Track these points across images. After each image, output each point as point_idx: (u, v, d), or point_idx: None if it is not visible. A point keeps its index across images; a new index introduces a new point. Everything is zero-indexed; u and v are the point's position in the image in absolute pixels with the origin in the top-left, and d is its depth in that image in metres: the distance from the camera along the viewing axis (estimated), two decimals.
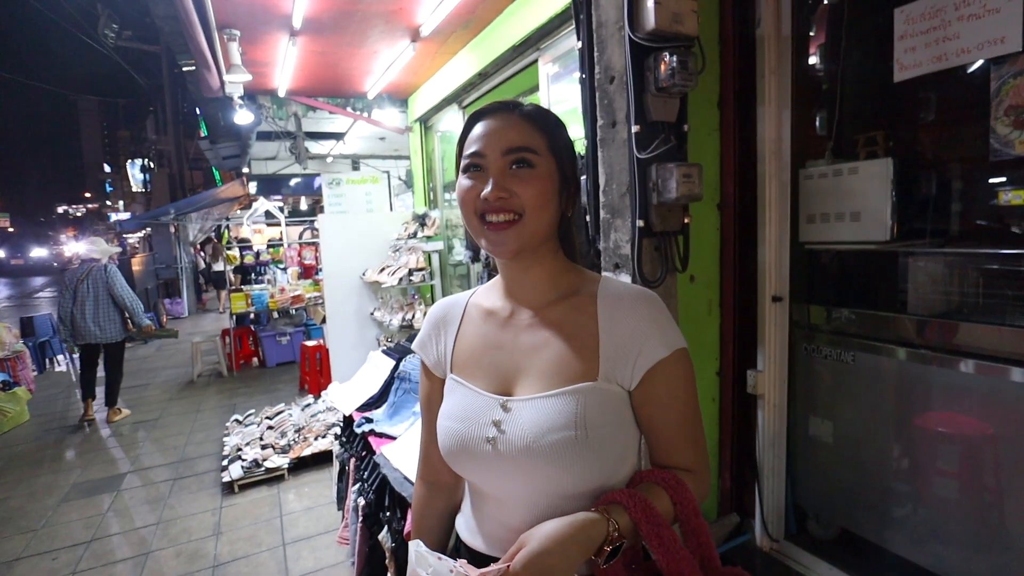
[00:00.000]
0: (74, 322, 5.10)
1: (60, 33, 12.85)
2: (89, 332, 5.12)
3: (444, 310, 1.03)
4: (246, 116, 4.91)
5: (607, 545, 0.72)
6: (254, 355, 7.62)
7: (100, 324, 5.14)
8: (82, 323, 5.09)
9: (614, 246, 1.89)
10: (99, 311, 5.13)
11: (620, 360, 0.83)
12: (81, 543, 3.23)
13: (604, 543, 0.72)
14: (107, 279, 5.18)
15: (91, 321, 5.10)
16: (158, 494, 3.81)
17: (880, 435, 1.97)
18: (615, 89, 1.85)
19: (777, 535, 2.19)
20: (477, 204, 0.85)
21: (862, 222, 1.92)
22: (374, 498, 2.04)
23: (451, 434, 0.90)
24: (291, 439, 4.22)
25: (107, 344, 5.26)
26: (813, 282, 2.17)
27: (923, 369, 1.82)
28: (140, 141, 31.81)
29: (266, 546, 3.07)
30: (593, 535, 0.72)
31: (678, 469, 0.86)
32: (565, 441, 0.79)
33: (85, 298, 5.09)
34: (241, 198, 8.99)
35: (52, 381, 7.36)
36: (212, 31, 3.39)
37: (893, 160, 1.83)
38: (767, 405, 2.15)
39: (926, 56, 1.67)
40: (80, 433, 5.18)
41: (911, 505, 1.89)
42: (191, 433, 4.99)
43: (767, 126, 2.08)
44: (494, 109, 0.88)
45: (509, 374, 0.89)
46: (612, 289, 0.89)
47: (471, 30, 3.58)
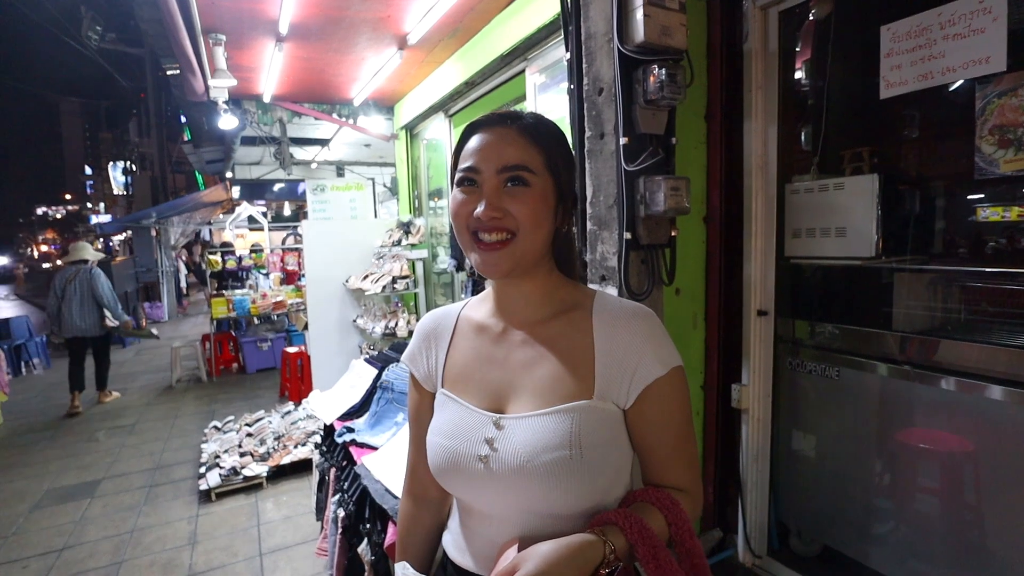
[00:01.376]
0: (61, 317, 5.60)
1: (42, 34, 12.70)
2: (75, 326, 5.62)
3: (435, 322, 1.01)
4: (231, 121, 4.86)
5: (603, 568, 0.70)
6: (234, 361, 7.50)
7: (84, 319, 5.65)
8: (68, 318, 5.59)
9: (601, 258, 1.89)
10: (84, 308, 5.64)
11: (615, 378, 0.82)
12: (53, 551, 3.13)
13: (600, 566, 0.70)
14: (91, 280, 5.66)
15: (76, 317, 5.61)
16: (133, 501, 3.71)
17: (863, 451, 1.98)
18: (603, 101, 1.85)
19: (760, 551, 2.18)
20: (470, 221, 0.83)
21: (847, 237, 1.93)
22: (354, 510, 2.00)
23: (442, 451, 0.87)
24: (270, 447, 4.15)
25: (92, 337, 5.77)
26: (798, 297, 2.18)
27: (906, 385, 1.83)
28: (122, 144, 31.39)
29: (243, 556, 3.00)
30: (590, 557, 0.70)
31: (672, 488, 0.84)
32: (559, 461, 0.77)
33: (72, 296, 5.59)
34: (224, 202, 8.89)
35: (27, 385, 7.17)
36: (197, 35, 3.35)
37: (879, 176, 1.85)
38: (751, 419, 2.15)
39: (912, 74, 1.69)
40: (56, 435, 5.05)
41: (893, 522, 1.90)
42: (168, 439, 4.89)
43: (753, 140, 2.09)
44: (492, 122, 0.86)
45: (502, 391, 0.87)
46: (608, 305, 0.87)
47: (458, 39, 3.58)
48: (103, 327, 5.80)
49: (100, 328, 5.78)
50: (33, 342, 8.11)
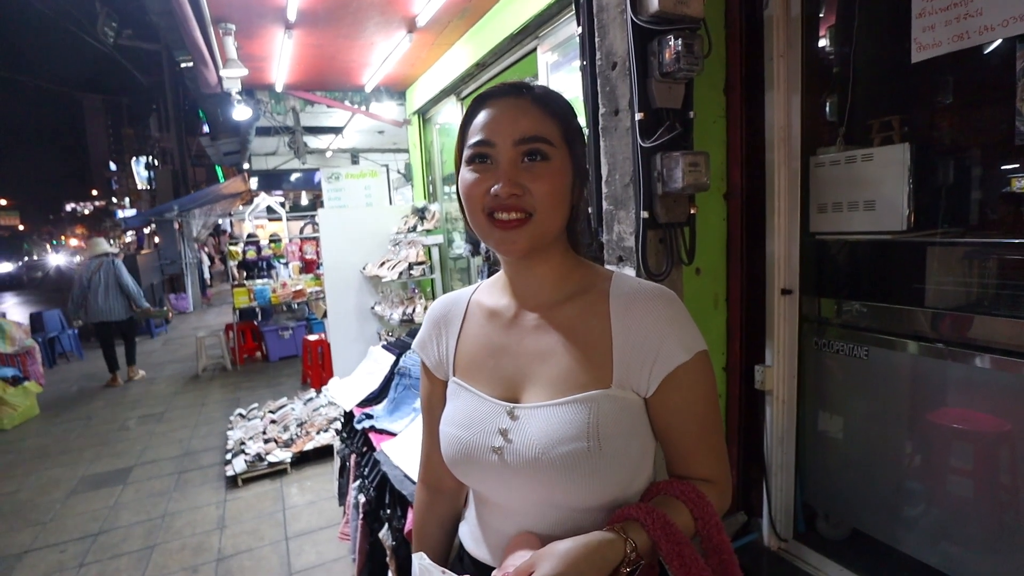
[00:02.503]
0: (87, 304, 6.26)
1: (63, 33, 12.89)
2: (101, 311, 6.27)
3: (445, 308, 0.97)
4: (244, 111, 4.87)
5: (624, 567, 0.67)
6: (257, 349, 7.62)
7: (109, 305, 6.29)
8: (95, 304, 6.24)
9: (617, 238, 1.84)
10: (108, 295, 6.28)
11: (635, 365, 0.77)
12: (89, 536, 3.23)
13: (621, 564, 0.67)
14: (115, 270, 6.33)
15: (102, 303, 6.25)
16: (164, 487, 3.81)
17: (893, 432, 1.91)
18: (617, 75, 1.79)
19: (785, 534, 2.14)
20: (486, 201, 0.77)
21: (876, 211, 1.85)
22: (375, 495, 2.00)
23: (455, 442, 0.84)
24: (293, 433, 4.21)
25: (117, 321, 6.41)
26: (824, 274, 2.10)
27: (940, 364, 1.75)
28: (144, 139, 31.86)
29: (269, 540, 3.05)
30: (610, 557, 0.66)
31: (697, 480, 0.80)
32: (576, 453, 0.73)
33: (98, 285, 6.24)
34: (243, 194, 8.97)
35: (61, 376, 7.38)
36: (207, 25, 3.34)
37: (910, 146, 1.76)
38: (775, 401, 2.09)
39: (946, 35, 1.59)
40: (90, 424, 5.20)
41: (924, 504, 1.83)
42: (196, 427, 4.99)
43: (776, 112, 2.01)
44: (503, 92, 0.79)
45: (515, 379, 0.83)
46: (625, 287, 0.82)
47: (468, 20, 3.51)
48: (128, 311, 6.44)
49: (125, 312, 6.42)
50: (66, 334, 8.35)
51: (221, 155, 8.88)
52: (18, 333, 6.79)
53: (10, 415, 5.36)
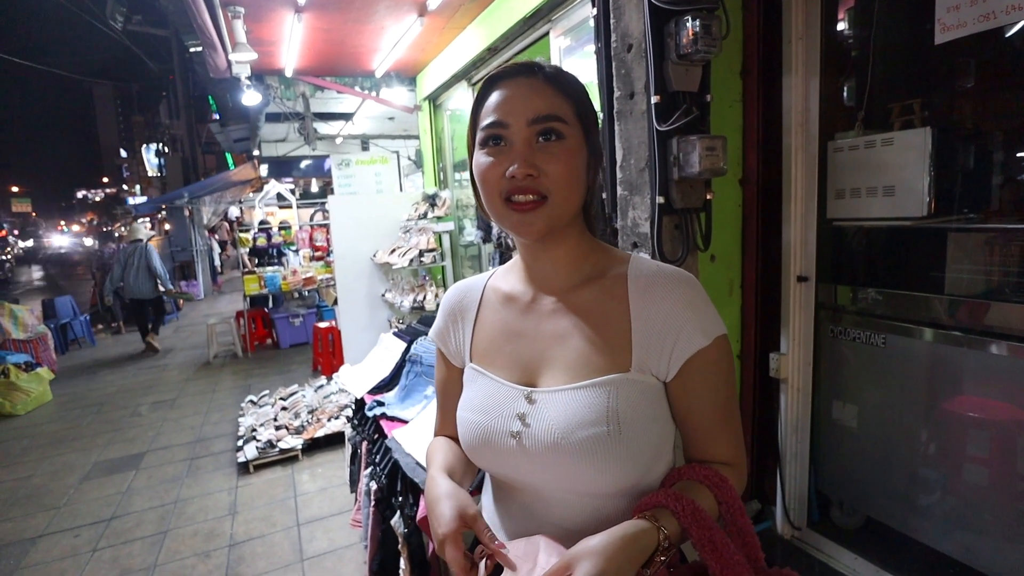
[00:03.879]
0: (126, 282, 7.29)
1: (73, 19, 12.82)
2: (133, 290, 7.31)
3: (460, 295, 0.96)
4: (254, 96, 4.85)
5: (659, 554, 0.66)
6: (268, 336, 7.66)
7: (140, 285, 7.28)
8: (130, 283, 7.27)
9: (632, 224, 1.81)
10: (139, 276, 7.25)
11: (655, 349, 0.76)
12: (102, 521, 3.27)
13: (656, 553, 0.66)
14: (147, 254, 7.27)
15: (133, 283, 7.26)
16: (176, 473, 3.84)
17: (909, 420, 1.89)
18: (633, 58, 1.76)
19: (799, 523, 2.13)
20: (502, 185, 0.75)
21: (896, 197, 1.81)
22: (386, 482, 2.01)
23: (472, 427, 0.83)
24: (304, 420, 4.23)
25: (148, 299, 7.48)
26: (841, 261, 2.07)
27: (958, 352, 1.72)
28: (154, 126, 31.94)
29: (281, 526, 3.08)
30: (645, 545, 0.65)
31: (716, 463, 0.79)
32: (596, 437, 0.72)
33: (132, 267, 7.22)
34: (253, 181, 8.97)
35: (73, 362, 7.47)
36: (216, 8, 3.31)
37: (932, 130, 1.72)
38: (790, 389, 2.07)
39: (971, 15, 1.54)
40: (103, 410, 5.26)
41: (940, 493, 1.82)
42: (207, 413, 5.04)
43: (794, 96, 1.97)
44: (514, 72, 0.78)
45: (533, 364, 0.82)
46: (644, 270, 0.80)
47: (479, 3, 3.46)
48: (156, 291, 7.43)
49: (153, 292, 7.42)
50: (78, 321, 8.43)
51: (231, 141, 8.89)
52: (31, 319, 6.87)
53: (23, 401, 5.43)
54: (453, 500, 0.76)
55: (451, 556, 0.73)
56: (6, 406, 5.30)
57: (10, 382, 5.40)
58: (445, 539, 0.73)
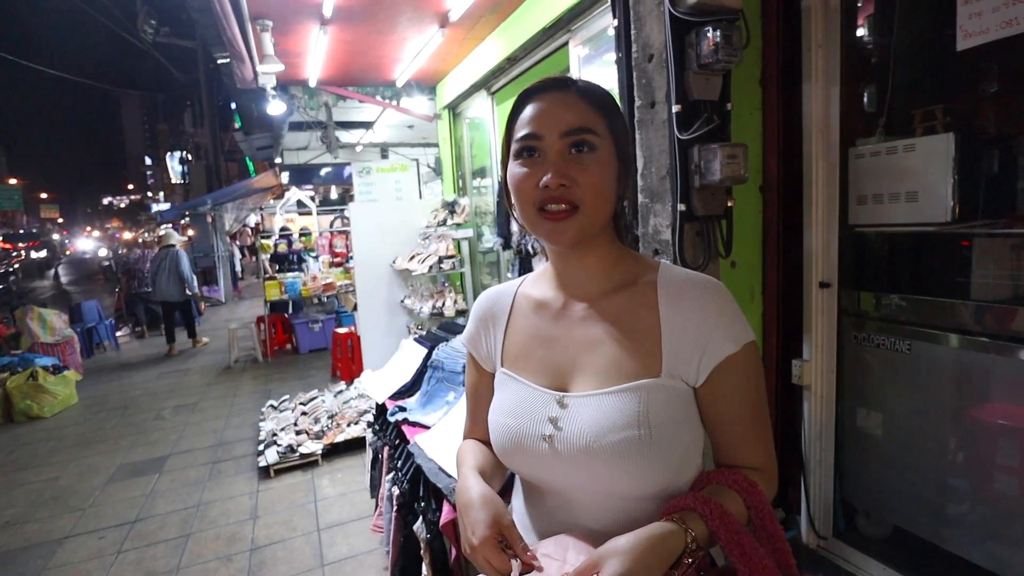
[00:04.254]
0: (156, 286, 7.66)
1: (102, 31, 13.19)
2: (164, 292, 7.65)
3: (491, 302, 0.99)
4: (279, 107, 4.95)
5: (686, 556, 0.67)
6: (287, 341, 7.76)
7: (169, 288, 7.62)
8: (161, 287, 7.62)
9: (653, 231, 1.82)
10: (170, 280, 7.59)
11: (684, 355, 0.77)
12: (126, 523, 3.33)
13: (683, 555, 0.67)
14: (176, 260, 7.62)
15: (164, 286, 7.60)
16: (198, 476, 3.90)
17: (937, 428, 1.87)
18: (654, 68, 1.78)
19: (824, 532, 2.11)
20: (536, 194, 0.78)
21: (919, 202, 1.80)
22: (408, 488, 2.03)
23: (505, 430, 0.85)
24: (324, 425, 4.27)
25: (177, 302, 7.82)
26: (864, 267, 2.06)
27: (986, 358, 1.70)
28: (178, 134, 32.56)
29: (301, 531, 3.11)
30: (672, 547, 0.67)
31: (746, 468, 0.80)
32: (628, 441, 0.74)
33: (163, 271, 7.58)
34: (274, 188, 9.12)
35: (99, 365, 7.63)
36: (246, 22, 3.40)
37: (955, 135, 1.71)
38: (813, 396, 2.06)
39: (994, 21, 1.54)
40: (127, 413, 5.37)
41: (970, 502, 1.79)
42: (228, 417, 5.11)
43: (814, 103, 1.97)
44: (548, 86, 0.81)
45: (564, 369, 0.84)
46: (674, 278, 0.82)
47: (499, 14, 3.51)
48: (183, 295, 7.77)
49: (180, 295, 7.73)
50: (103, 325, 8.59)
51: (254, 150, 9.06)
52: (59, 323, 7.03)
53: (50, 403, 5.55)
54: (489, 508, 0.78)
55: (484, 565, 0.74)
56: (34, 408, 5.44)
57: (38, 384, 5.53)
58: (479, 548, 0.74)
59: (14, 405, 5.41)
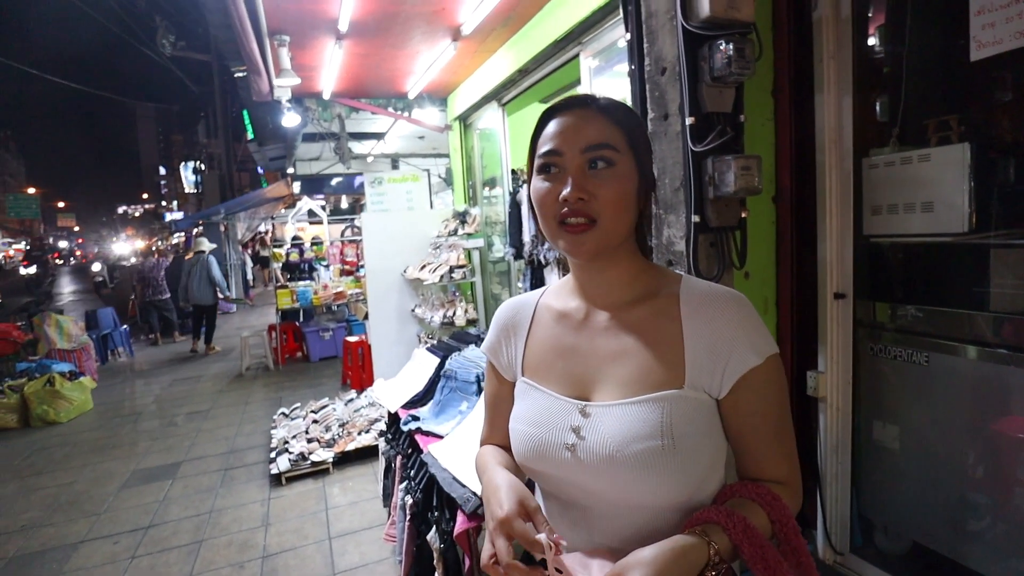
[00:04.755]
0: (189, 290, 8.10)
1: (120, 44, 13.47)
2: (197, 296, 8.12)
3: (512, 311, 1.00)
4: (293, 119, 5.01)
5: (709, 570, 0.67)
6: (298, 350, 7.81)
7: (201, 292, 8.08)
8: (193, 291, 8.06)
9: (667, 243, 1.83)
10: (201, 284, 8.05)
11: (707, 367, 0.78)
12: (140, 528, 3.36)
13: (706, 568, 0.67)
14: (208, 265, 8.09)
15: (196, 290, 8.06)
16: (210, 483, 3.93)
17: (956, 441, 1.84)
18: (667, 80, 1.79)
19: (841, 547, 2.08)
20: (556, 208, 0.80)
21: (935, 212, 1.79)
22: (422, 497, 2.03)
23: (527, 439, 0.86)
24: (335, 433, 4.29)
25: (206, 305, 8.31)
26: (879, 278, 2.05)
27: (1006, 370, 1.68)
28: (192, 145, 33.04)
29: (312, 539, 3.12)
30: (695, 560, 0.67)
31: (769, 482, 0.80)
32: (651, 451, 0.74)
33: (195, 276, 8.03)
34: (286, 198, 9.22)
35: (113, 372, 7.73)
36: (264, 37, 3.46)
37: (971, 145, 1.70)
38: (829, 408, 2.05)
39: (1007, 32, 1.54)
40: (141, 420, 5.42)
41: (990, 517, 1.76)
42: (240, 424, 5.14)
43: (826, 114, 1.97)
44: (570, 104, 0.84)
45: (586, 379, 0.85)
46: (696, 290, 0.83)
47: (511, 27, 3.54)
48: (215, 298, 8.32)
49: (212, 298, 8.25)
50: (118, 332, 8.70)
51: (267, 160, 9.17)
52: (75, 329, 7.13)
53: (67, 409, 5.63)
54: (515, 491, 0.79)
55: (501, 544, 0.74)
56: (50, 413, 5.51)
57: (55, 390, 5.61)
58: (503, 520, 0.75)
59: (31, 410, 5.48)
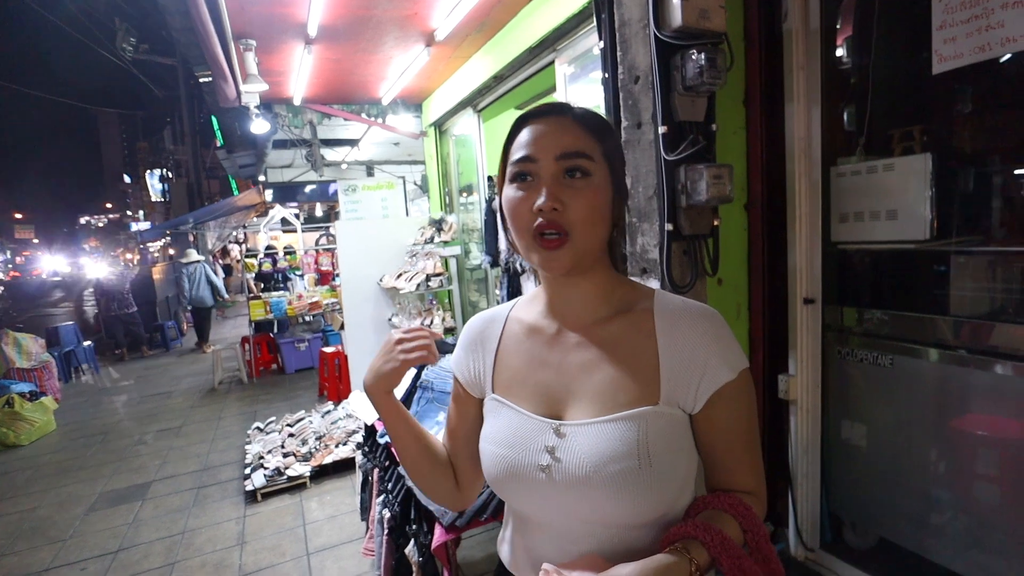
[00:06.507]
0: (192, 295, 8.84)
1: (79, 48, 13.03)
2: (196, 300, 8.91)
3: (482, 326, 0.97)
4: (262, 125, 4.93)
5: None
6: (273, 362, 7.66)
7: (201, 295, 8.86)
8: (196, 295, 8.82)
9: (641, 251, 1.85)
10: (200, 288, 8.80)
11: (682, 382, 0.78)
12: (109, 553, 3.24)
13: None
14: (205, 272, 8.84)
15: (196, 294, 8.81)
16: (183, 503, 3.81)
17: (919, 440, 1.90)
18: (640, 89, 1.81)
19: (812, 544, 2.13)
20: (531, 219, 0.78)
21: (899, 220, 1.85)
22: (399, 511, 2.01)
23: (499, 461, 0.83)
24: (312, 447, 4.22)
25: (209, 306, 9.18)
26: (846, 283, 2.10)
27: (965, 372, 1.74)
28: (158, 152, 32.29)
29: (290, 556, 3.05)
30: None
31: (739, 492, 0.81)
32: (627, 471, 0.74)
33: (195, 282, 8.75)
34: (257, 206, 9.07)
35: (77, 390, 7.46)
36: (228, 42, 3.40)
37: (933, 155, 1.76)
38: (799, 410, 2.09)
39: (968, 46, 1.60)
40: (108, 439, 5.25)
41: (952, 512, 1.82)
42: (213, 441, 5.02)
43: (796, 123, 2.02)
44: (545, 112, 0.82)
45: (558, 396, 0.83)
46: (670, 305, 0.83)
47: (485, 33, 3.55)
48: (214, 299, 9.06)
49: (211, 300, 9.02)
50: (81, 348, 8.41)
51: (237, 168, 9.01)
52: (35, 347, 6.86)
53: (27, 431, 5.40)
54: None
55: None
56: (10, 436, 5.29)
57: (14, 412, 5.38)
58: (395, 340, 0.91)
59: None
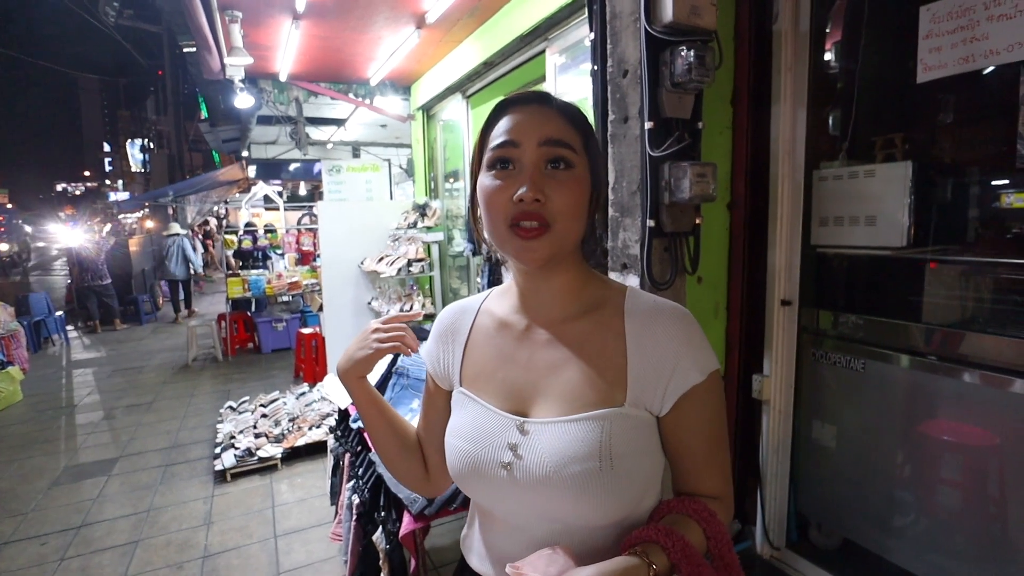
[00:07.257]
0: (166, 268, 9.22)
1: (61, 11, 12.60)
2: (172, 273, 9.29)
3: (453, 317, 0.96)
4: (247, 100, 4.83)
5: None
6: (249, 340, 7.57)
7: (177, 268, 9.24)
8: (171, 268, 9.19)
9: (622, 246, 1.84)
10: (177, 262, 9.18)
11: (650, 384, 0.76)
12: (71, 528, 3.19)
13: None
14: (182, 245, 9.20)
15: (173, 267, 9.19)
16: (149, 480, 3.76)
17: (886, 444, 1.93)
18: (628, 83, 1.79)
19: (778, 543, 2.16)
20: (509, 209, 0.75)
21: (877, 226, 1.87)
22: (369, 497, 2.00)
23: (462, 455, 0.82)
24: (285, 428, 4.18)
25: (183, 279, 9.59)
26: (823, 287, 2.12)
27: (933, 378, 1.77)
28: (140, 121, 31.59)
29: (257, 537, 3.03)
30: None
31: (704, 496, 0.80)
32: (588, 473, 0.72)
33: (172, 255, 9.12)
34: (240, 181, 8.91)
35: (46, 361, 7.31)
36: (213, 12, 3.31)
37: (913, 164, 1.77)
38: (772, 411, 2.11)
39: (952, 57, 1.61)
40: (75, 412, 5.16)
41: (915, 515, 1.86)
42: (184, 418, 4.95)
43: (782, 125, 2.02)
44: (527, 99, 0.79)
45: (524, 393, 0.82)
46: (642, 305, 0.81)
47: (477, 18, 3.50)
48: (187, 274, 9.54)
49: (186, 274, 9.48)
50: (52, 318, 8.24)
51: (220, 141, 8.85)
52: (3, 315, 6.69)
53: None
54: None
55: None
56: None
57: None
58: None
59: None
